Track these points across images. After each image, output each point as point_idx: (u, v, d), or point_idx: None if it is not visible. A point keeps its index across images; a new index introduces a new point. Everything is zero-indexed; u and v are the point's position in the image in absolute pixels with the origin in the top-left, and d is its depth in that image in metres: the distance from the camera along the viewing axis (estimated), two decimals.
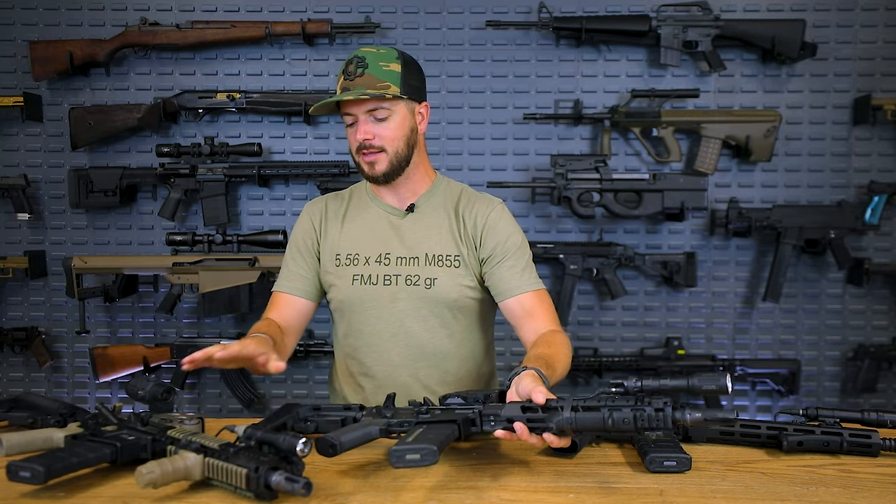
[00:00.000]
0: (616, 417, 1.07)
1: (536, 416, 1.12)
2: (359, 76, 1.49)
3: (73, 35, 2.66)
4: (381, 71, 1.50)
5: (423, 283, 1.57)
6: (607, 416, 1.07)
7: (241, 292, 2.52)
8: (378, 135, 1.51)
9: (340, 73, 1.54)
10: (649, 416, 1.05)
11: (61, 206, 2.73)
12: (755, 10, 2.66)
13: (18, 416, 1.36)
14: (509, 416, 1.15)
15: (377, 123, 1.51)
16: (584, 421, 1.09)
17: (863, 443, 1.24)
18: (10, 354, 2.75)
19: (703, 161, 2.62)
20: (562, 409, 1.10)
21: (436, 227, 1.61)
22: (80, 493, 1.07)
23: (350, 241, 1.62)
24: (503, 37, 2.67)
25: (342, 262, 1.62)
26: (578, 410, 1.09)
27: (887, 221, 2.69)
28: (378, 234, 1.61)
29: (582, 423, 1.09)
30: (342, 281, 1.61)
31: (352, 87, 1.49)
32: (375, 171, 1.54)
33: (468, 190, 1.68)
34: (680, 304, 2.75)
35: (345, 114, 1.54)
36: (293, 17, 2.65)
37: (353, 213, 1.65)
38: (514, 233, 1.62)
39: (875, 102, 2.58)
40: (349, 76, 1.51)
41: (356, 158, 1.56)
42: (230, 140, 2.67)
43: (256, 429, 1.06)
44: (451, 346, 1.62)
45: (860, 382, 2.67)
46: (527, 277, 1.59)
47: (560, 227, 2.72)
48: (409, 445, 1.07)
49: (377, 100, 1.50)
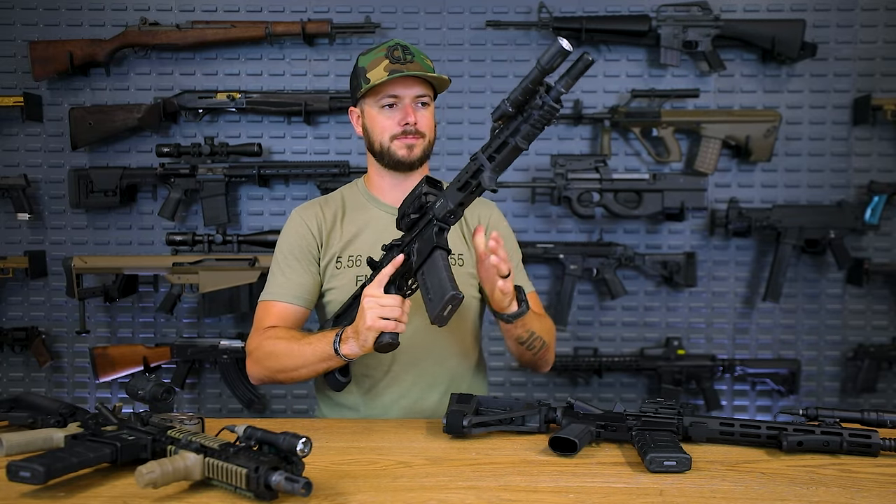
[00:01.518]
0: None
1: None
2: (409, 62, 1.54)
3: (73, 35, 2.66)
4: (425, 64, 1.57)
5: None
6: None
7: (241, 292, 2.52)
8: (421, 121, 1.57)
9: (380, 56, 1.55)
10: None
11: (61, 206, 2.73)
12: (755, 10, 2.66)
13: (18, 416, 1.36)
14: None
15: (422, 109, 1.58)
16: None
17: (863, 443, 1.24)
18: (10, 354, 2.75)
19: (703, 161, 2.62)
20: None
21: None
22: (80, 493, 1.07)
23: (351, 243, 1.61)
24: (503, 37, 2.67)
25: (343, 265, 1.61)
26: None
27: (887, 221, 2.69)
28: (380, 235, 1.60)
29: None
30: (343, 283, 1.60)
31: (405, 71, 1.52)
32: (413, 155, 1.57)
33: None
34: (680, 304, 2.75)
35: (391, 95, 1.55)
36: (293, 17, 2.65)
37: (352, 215, 1.65)
38: (510, 236, 1.70)
39: (875, 102, 2.58)
40: (398, 60, 1.54)
41: (388, 144, 1.57)
42: (230, 140, 2.68)
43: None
44: (454, 343, 1.62)
45: (860, 382, 2.67)
46: (522, 280, 1.65)
47: (560, 227, 2.72)
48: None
49: (427, 87, 1.57)
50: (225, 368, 2.64)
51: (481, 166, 1.27)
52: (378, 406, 1.61)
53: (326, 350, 1.43)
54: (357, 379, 1.62)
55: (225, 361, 2.63)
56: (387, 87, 1.54)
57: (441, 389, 1.61)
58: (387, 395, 1.61)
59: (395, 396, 1.61)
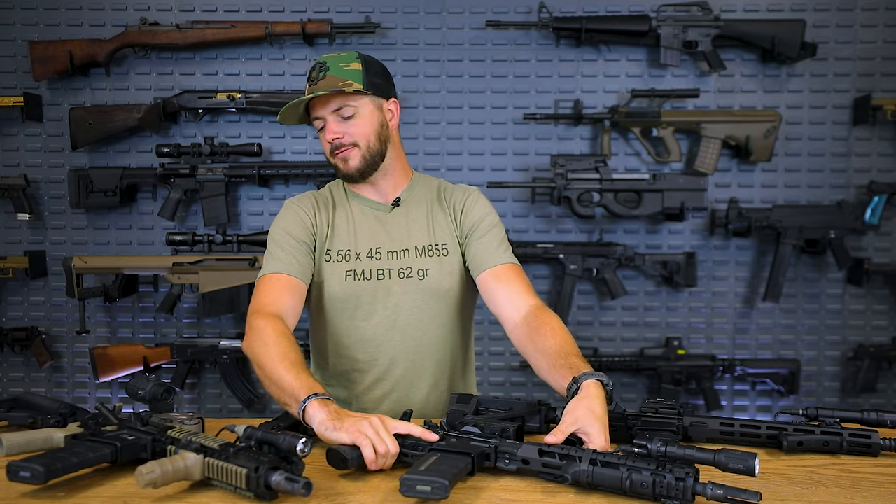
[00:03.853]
0: (635, 479, 1.03)
1: (553, 461, 1.10)
2: (321, 79, 1.53)
3: (73, 35, 2.66)
4: (342, 71, 1.54)
5: (416, 274, 1.59)
6: (626, 475, 1.04)
7: (241, 292, 2.52)
8: (347, 132, 1.55)
9: (307, 82, 1.57)
10: (668, 483, 1.01)
11: (61, 206, 2.73)
12: (755, 10, 2.66)
13: (18, 416, 1.36)
14: (525, 456, 1.13)
15: (345, 122, 1.55)
16: (600, 476, 1.06)
17: (863, 443, 1.24)
18: (10, 354, 2.76)
19: (703, 161, 2.62)
20: (579, 461, 1.08)
21: (422, 219, 1.64)
22: (80, 493, 1.07)
23: (339, 238, 1.62)
24: (503, 37, 2.67)
25: (333, 259, 1.61)
26: (597, 465, 1.07)
27: (887, 221, 2.69)
28: (365, 230, 1.62)
29: (599, 479, 1.06)
30: (333, 277, 1.60)
31: (311, 94, 1.53)
32: (350, 168, 1.57)
33: (444, 182, 1.73)
34: (680, 304, 2.75)
35: (314, 118, 1.57)
36: (293, 17, 2.65)
37: (340, 209, 1.66)
38: (489, 213, 1.66)
39: (875, 102, 2.58)
40: (312, 81, 1.54)
41: (332, 161, 1.59)
42: (230, 140, 2.68)
43: (267, 428, 1.06)
44: (444, 336, 1.63)
45: (860, 382, 2.67)
46: (502, 251, 1.61)
47: (560, 227, 2.72)
48: (421, 476, 1.03)
49: (341, 97, 1.53)
50: (225, 368, 2.64)
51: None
52: (369, 401, 1.63)
53: (296, 395, 1.27)
54: (347, 374, 1.63)
55: (225, 361, 2.63)
56: (311, 111, 1.57)
57: (430, 382, 1.62)
58: (377, 389, 1.62)
59: (386, 391, 1.62)
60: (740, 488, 0.98)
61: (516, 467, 1.13)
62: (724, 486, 0.99)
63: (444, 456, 1.11)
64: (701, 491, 1.00)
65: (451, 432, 1.20)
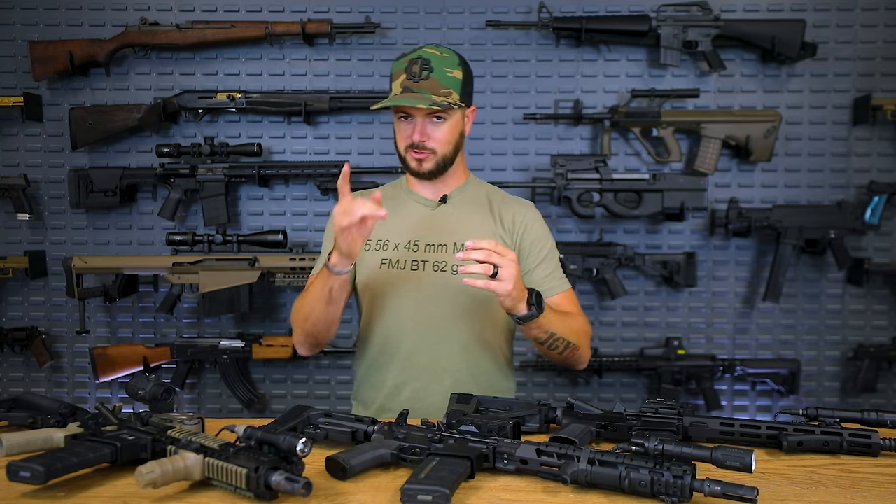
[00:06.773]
0: (633, 478, 1.04)
1: (551, 461, 1.11)
2: (423, 79, 1.53)
3: (73, 35, 2.66)
4: (445, 77, 1.55)
5: (450, 269, 1.61)
6: (624, 474, 1.04)
7: (241, 292, 2.52)
8: (432, 137, 1.58)
9: (402, 68, 1.56)
10: (667, 481, 1.02)
11: (61, 206, 2.73)
12: (755, 10, 2.66)
13: (18, 416, 1.36)
14: (524, 456, 1.13)
15: (433, 125, 1.57)
16: (599, 475, 1.06)
17: (863, 443, 1.24)
18: (10, 354, 2.76)
19: (703, 161, 2.62)
20: (577, 460, 1.08)
21: (468, 219, 1.66)
22: (80, 493, 1.07)
23: (382, 229, 1.64)
24: (503, 37, 2.67)
25: (371, 247, 1.66)
26: (595, 464, 1.07)
27: (887, 221, 2.69)
28: (409, 223, 1.66)
29: (597, 477, 1.06)
30: (370, 264, 1.65)
31: (415, 90, 1.53)
32: (423, 168, 1.60)
33: (495, 188, 1.76)
34: (680, 304, 2.75)
35: (403, 113, 1.59)
36: (293, 17, 2.65)
37: (389, 204, 1.67)
38: (546, 235, 1.70)
39: (875, 102, 2.58)
40: (413, 77, 1.54)
41: (403, 154, 1.62)
42: (230, 140, 2.68)
43: (267, 429, 1.06)
44: (472, 334, 1.64)
45: (860, 382, 2.67)
46: (558, 278, 1.67)
47: (560, 227, 2.72)
48: (421, 486, 1.03)
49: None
50: (225, 368, 2.64)
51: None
52: (391, 388, 1.65)
53: (323, 272, 1.50)
54: (376, 359, 1.67)
55: (225, 361, 2.63)
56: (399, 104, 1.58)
57: (454, 377, 1.62)
58: (399, 377, 1.65)
59: (406, 379, 1.64)
60: (738, 484, 0.99)
61: (515, 467, 1.14)
62: (721, 483, 1.00)
63: (444, 461, 1.11)
64: (699, 488, 1.01)
65: (449, 432, 1.20)
